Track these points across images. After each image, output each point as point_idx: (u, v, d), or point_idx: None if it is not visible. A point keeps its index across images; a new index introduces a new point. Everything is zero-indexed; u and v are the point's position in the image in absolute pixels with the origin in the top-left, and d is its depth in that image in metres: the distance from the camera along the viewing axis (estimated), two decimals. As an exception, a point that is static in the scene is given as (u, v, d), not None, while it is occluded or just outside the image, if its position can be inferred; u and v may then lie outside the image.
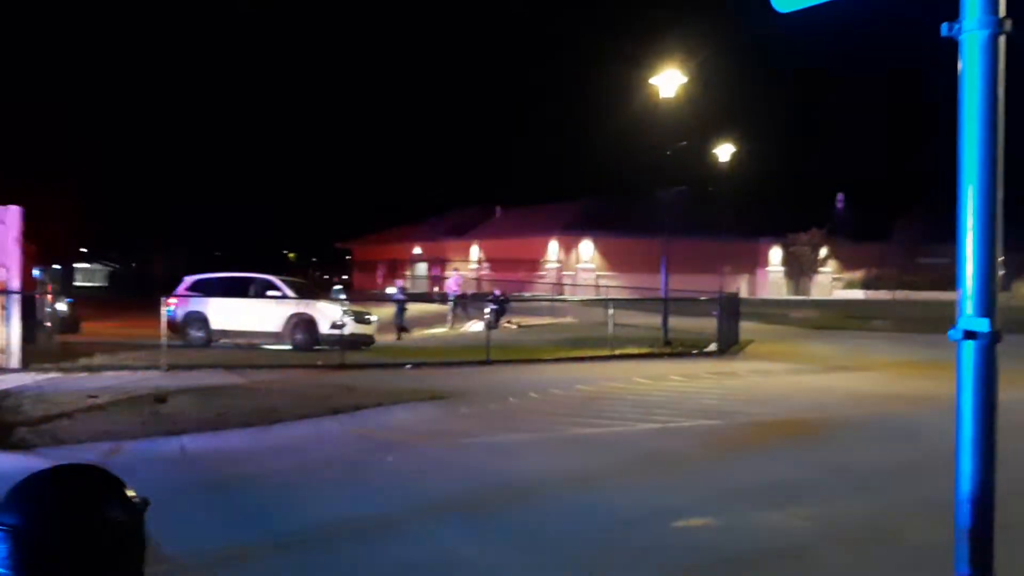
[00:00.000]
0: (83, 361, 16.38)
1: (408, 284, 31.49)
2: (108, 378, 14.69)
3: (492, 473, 8.51)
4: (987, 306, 1.83)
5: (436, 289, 41.07)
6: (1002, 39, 1.90)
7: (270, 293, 21.29)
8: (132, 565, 1.52)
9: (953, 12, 1.92)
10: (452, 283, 28.50)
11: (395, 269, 62.42)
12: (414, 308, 29.59)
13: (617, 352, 20.12)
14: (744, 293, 42.00)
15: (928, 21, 2.04)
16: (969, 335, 1.84)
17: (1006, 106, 1.88)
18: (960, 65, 1.90)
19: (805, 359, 20.17)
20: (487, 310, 23.51)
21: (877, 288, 53.99)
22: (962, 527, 1.83)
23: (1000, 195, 1.87)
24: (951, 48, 1.92)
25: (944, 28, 1.92)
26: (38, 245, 21.07)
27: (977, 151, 1.86)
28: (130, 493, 1.53)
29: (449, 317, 27.21)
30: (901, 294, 45.70)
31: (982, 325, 1.83)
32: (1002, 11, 1.90)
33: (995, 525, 1.84)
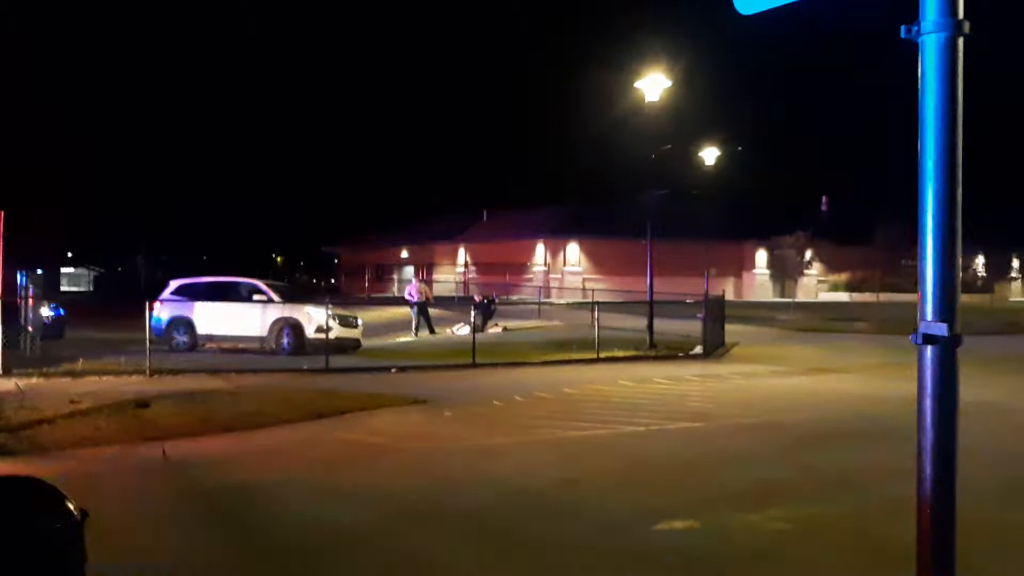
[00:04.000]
0: (66, 366, 16.26)
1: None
2: (91, 383, 14.61)
3: (475, 476, 8.49)
4: (947, 311, 1.82)
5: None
6: (960, 41, 1.88)
7: (256, 297, 21.21)
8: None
9: (915, 13, 1.90)
10: (412, 289, 28.14)
11: (382, 273, 62.37)
12: (384, 315, 29.51)
13: (602, 355, 20.13)
14: (730, 295, 42.07)
15: (897, 21, 2.03)
16: (928, 340, 1.83)
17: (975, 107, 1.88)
18: (919, 67, 1.89)
19: (789, 362, 20.22)
20: (473, 313, 23.46)
21: (861, 290, 54.28)
22: (923, 531, 1.82)
23: (960, 198, 1.86)
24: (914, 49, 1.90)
25: (903, 30, 1.91)
26: (22, 249, 20.92)
27: (936, 154, 1.84)
28: (69, 505, 1.50)
29: (413, 324, 26.94)
30: (885, 296, 45.93)
31: (941, 330, 1.82)
32: (960, 13, 1.88)
33: (956, 529, 1.84)
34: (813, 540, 6.41)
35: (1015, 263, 65.92)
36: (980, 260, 60.23)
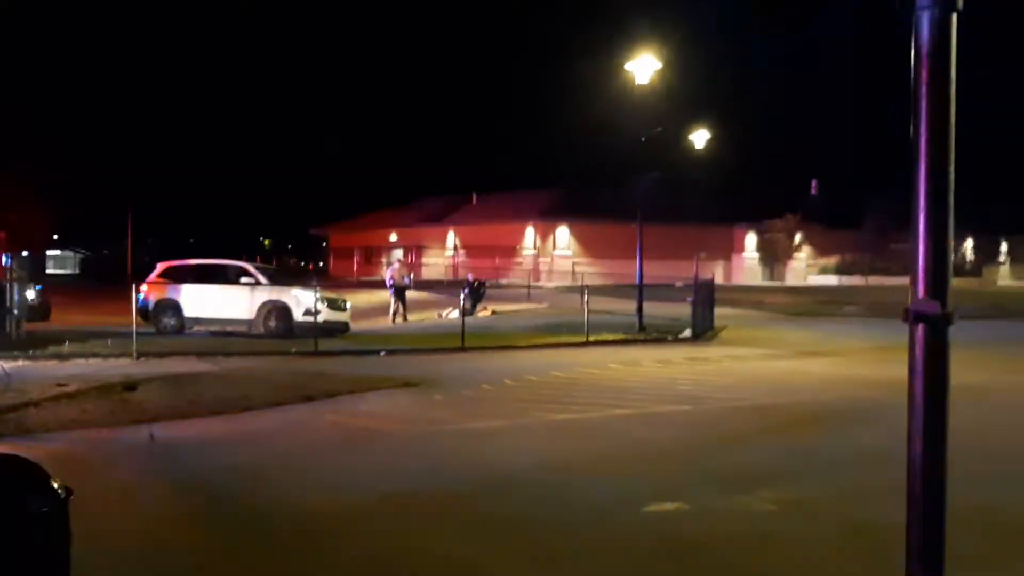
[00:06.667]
0: (52, 349, 16.19)
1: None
2: (78, 366, 14.55)
3: (464, 460, 8.49)
4: (939, 288, 1.80)
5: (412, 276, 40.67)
6: (954, 17, 1.85)
7: (243, 280, 21.11)
8: (55, 555, 1.46)
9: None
10: (392, 273, 27.30)
11: (371, 256, 62.24)
12: (373, 298, 29.28)
13: (592, 338, 20.14)
14: (719, 279, 42.19)
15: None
16: (920, 317, 1.81)
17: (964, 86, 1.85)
18: (912, 43, 1.87)
19: (778, 345, 20.29)
20: (462, 296, 23.42)
21: (850, 274, 54.49)
22: (913, 513, 1.81)
23: (952, 175, 1.84)
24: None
25: (896, 3, 1.88)
26: (7, 232, 20.78)
27: (929, 131, 1.82)
28: (53, 483, 1.48)
29: (391, 310, 26.27)
30: (874, 279, 46.16)
31: (933, 307, 1.80)
32: (954, -14, 1.84)
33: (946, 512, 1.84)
34: (802, 522, 6.44)
35: (1003, 247, 66.26)
36: (969, 244, 60.54)
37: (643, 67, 22.28)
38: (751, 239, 58.03)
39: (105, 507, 6.57)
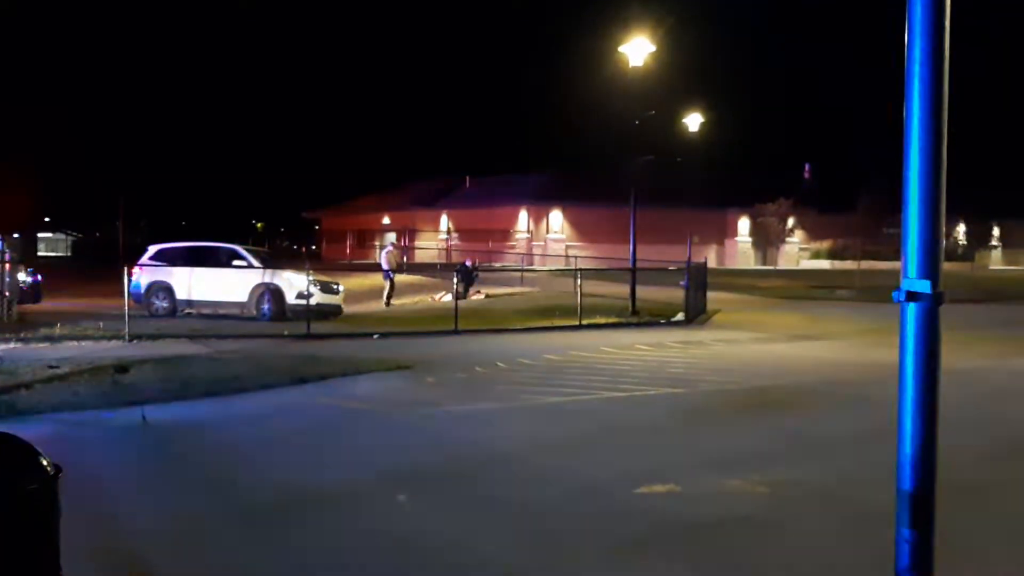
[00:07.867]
0: (44, 331, 16.15)
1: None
2: (70, 348, 14.52)
3: (457, 442, 8.50)
4: (930, 268, 1.80)
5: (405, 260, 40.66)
6: (948, -6, 1.83)
7: (235, 263, 21.07)
8: (44, 533, 1.46)
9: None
10: (385, 256, 27.15)
11: (364, 239, 62.07)
12: (366, 281, 29.18)
13: (585, 322, 20.16)
14: (712, 263, 42.23)
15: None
16: (911, 297, 1.81)
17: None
18: (907, 17, 1.85)
19: (770, 328, 20.33)
20: (455, 279, 23.40)
21: (843, 258, 54.52)
22: (904, 488, 1.81)
23: (944, 155, 1.82)
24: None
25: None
26: (-2, 214, 20.69)
27: (922, 108, 1.80)
28: (43, 460, 1.47)
29: (384, 293, 26.15)
30: (867, 264, 46.13)
31: (924, 287, 1.80)
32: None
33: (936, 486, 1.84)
34: (794, 504, 6.46)
35: (996, 231, 66.34)
36: (961, 228, 60.59)
37: (637, 50, 22.21)
38: (744, 223, 58.01)
39: (96, 487, 6.57)
